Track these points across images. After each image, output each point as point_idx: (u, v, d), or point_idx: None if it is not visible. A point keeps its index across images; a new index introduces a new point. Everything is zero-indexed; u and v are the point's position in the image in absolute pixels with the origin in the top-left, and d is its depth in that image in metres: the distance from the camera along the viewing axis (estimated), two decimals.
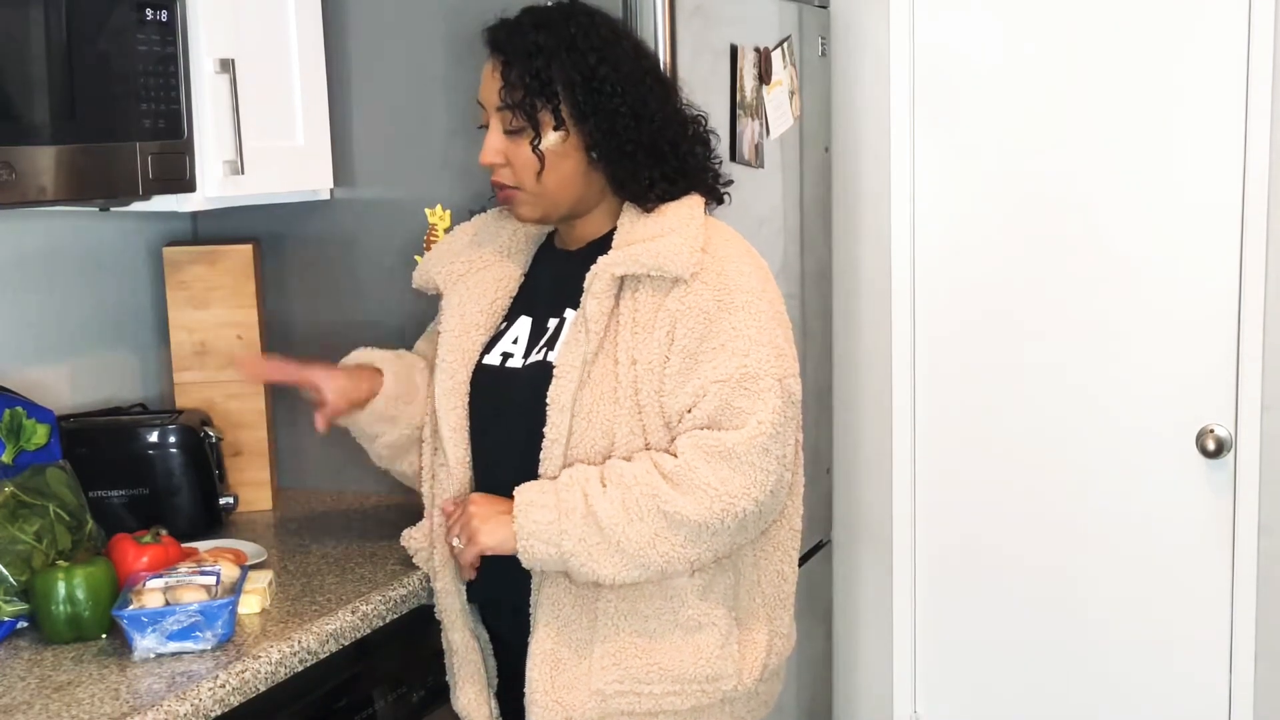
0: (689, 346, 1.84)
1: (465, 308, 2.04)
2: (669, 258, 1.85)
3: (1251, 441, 2.86)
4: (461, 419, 1.99)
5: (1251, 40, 2.76)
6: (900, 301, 3.13)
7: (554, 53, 1.88)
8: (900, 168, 3.09)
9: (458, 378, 2.00)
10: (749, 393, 1.82)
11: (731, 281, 1.87)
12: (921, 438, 3.16)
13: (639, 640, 1.89)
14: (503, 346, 2.01)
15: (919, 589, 3.21)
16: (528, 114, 1.88)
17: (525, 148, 1.90)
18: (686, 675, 1.90)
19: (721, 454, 1.80)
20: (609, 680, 1.88)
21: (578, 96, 1.88)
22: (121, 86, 2.02)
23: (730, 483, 1.80)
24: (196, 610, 1.83)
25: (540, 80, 1.87)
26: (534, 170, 1.90)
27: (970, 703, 3.20)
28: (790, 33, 2.81)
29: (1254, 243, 2.81)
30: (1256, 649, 2.92)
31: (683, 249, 1.86)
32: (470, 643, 2.02)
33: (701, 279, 1.86)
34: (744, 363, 1.83)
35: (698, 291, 1.85)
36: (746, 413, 1.81)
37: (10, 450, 2.10)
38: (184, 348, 2.53)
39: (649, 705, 1.89)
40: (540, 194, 1.93)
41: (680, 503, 1.79)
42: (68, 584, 1.88)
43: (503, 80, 1.89)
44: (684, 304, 1.85)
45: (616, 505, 1.80)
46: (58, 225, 2.46)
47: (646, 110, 1.92)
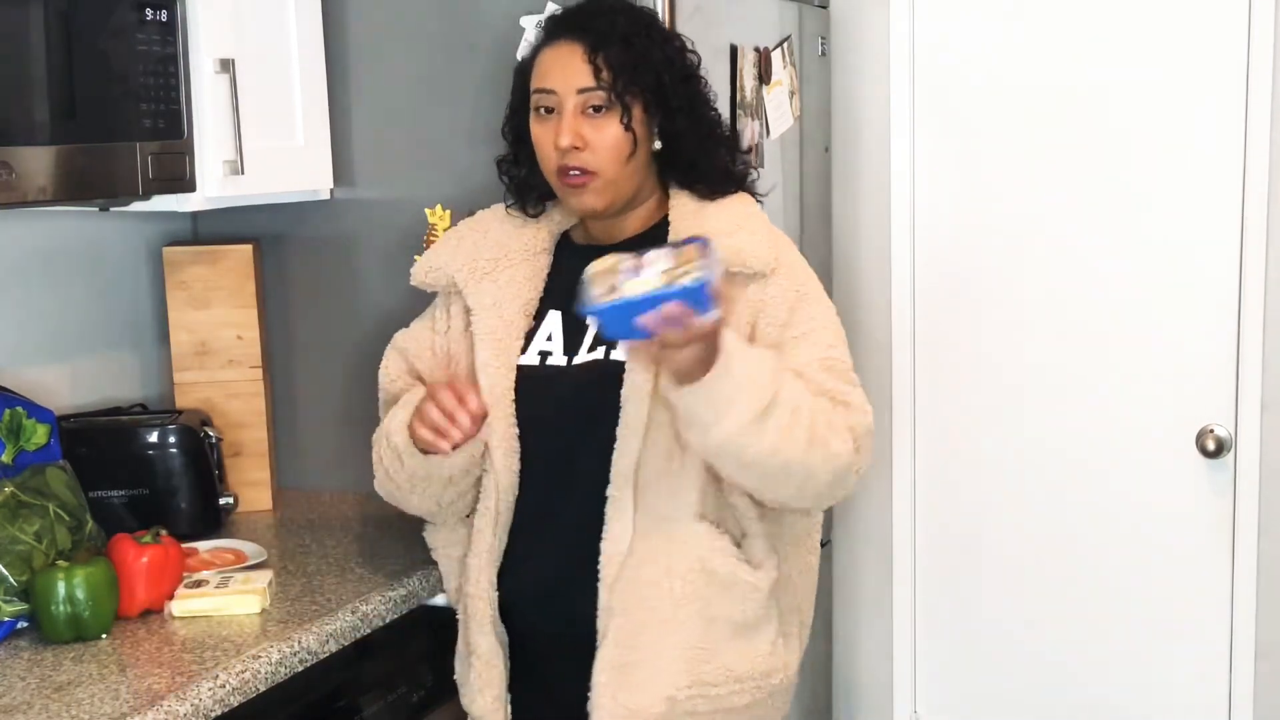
0: (772, 335, 1.89)
1: (502, 308, 1.99)
2: (751, 254, 1.90)
3: (1251, 441, 2.86)
4: (511, 425, 1.96)
5: (1252, 39, 2.76)
6: (900, 300, 3.13)
7: (640, 37, 1.92)
8: (900, 168, 3.09)
9: (505, 383, 1.96)
10: (840, 378, 1.90)
11: (802, 275, 1.96)
12: (921, 438, 3.16)
13: (707, 643, 1.90)
14: (538, 345, 1.98)
15: (919, 589, 3.21)
16: (619, 94, 1.89)
17: (612, 129, 1.89)
18: (746, 673, 1.93)
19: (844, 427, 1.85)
20: (681, 685, 1.89)
21: (664, 80, 1.92)
22: (121, 86, 2.02)
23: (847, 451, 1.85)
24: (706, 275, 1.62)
25: (634, 61, 1.89)
26: (621, 152, 1.90)
27: (970, 703, 3.20)
28: (790, 33, 2.81)
29: (1254, 243, 2.81)
30: (1256, 649, 2.92)
31: (761, 245, 1.92)
32: (495, 648, 1.99)
33: (779, 272, 1.92)
34: (829, 352, 1.91)
35: (778, 284, 1.91)
36: (846, 394, 1.88)
37: (10, 450, 2.10)
38: (184, 348, 2.53)
39: (712, 705, 1.92)
40: (617, 178, 1.92)
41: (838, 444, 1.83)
42: (68, 584, 1.88)
43: (590, 63, 1.89)
44: (765, 296, 1.90)
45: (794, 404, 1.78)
46: (58, 225, 2.46)
47: (702, 106, 1.98)
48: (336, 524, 2.46)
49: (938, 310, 3.11)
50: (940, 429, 3.14)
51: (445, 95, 2.46)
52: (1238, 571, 2.91)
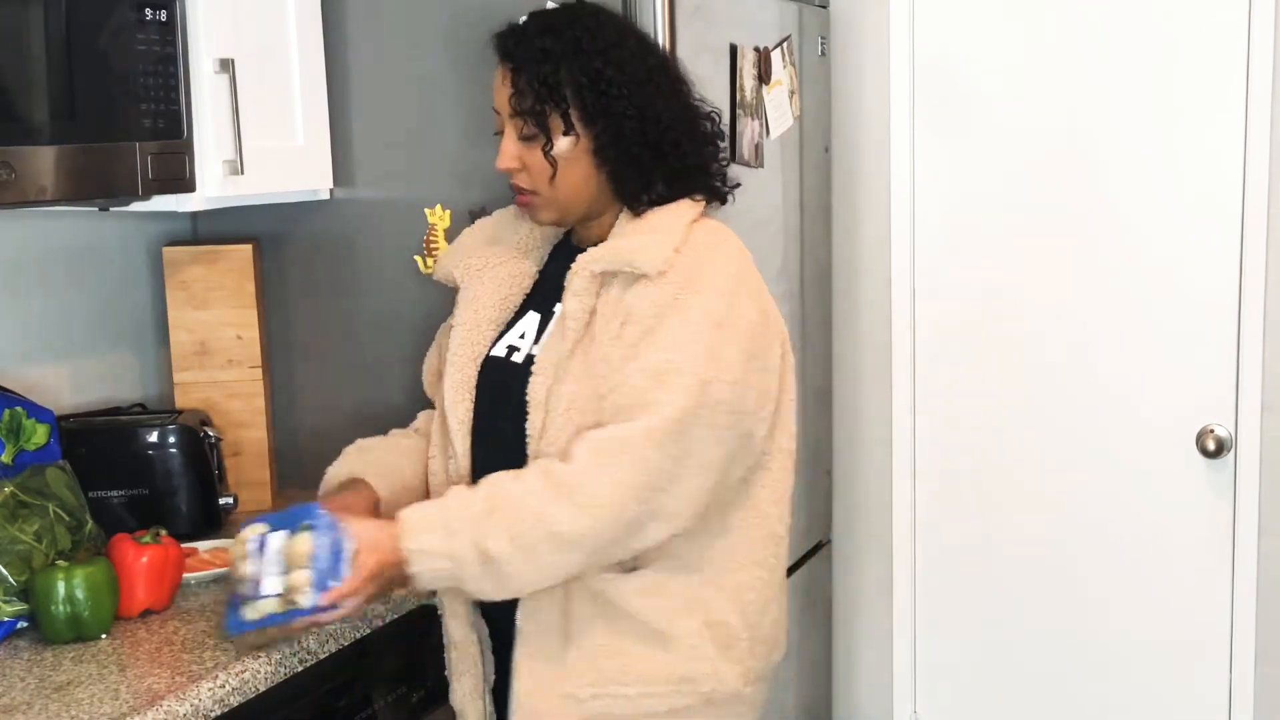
0: (634, 338, 1.82)
1: (479, 302, 2.04)
2: (639, 254, 1.84)
3: (1251, 442, 2.86)
4: (468, 412, 2.00)
5: (1252, 39, 2.76)
6: (900, 301, 3.13)
7: (561, 58, 1.88)
8: (900, 168, 3.09)
9: (466, 371, 2.01)
10: (661, 386, 1.77)
11: (695, 282, 1.84)
12: (921, 438, 3.16)
13: (610, 642, 1.88)
14: (509, 339, 2.01)
15: (919, 589, 3.21)
16: (538, 120, 1.88)
17: (536, 154, 1.90)
18: (659, 676, 1.88)
19: (611, 450, 1.77)
20: (581, 684, 1.88)
21: (585, 101, 1.88)
22: (121, 86, 2.02)
23: (619, 484, 1.76)
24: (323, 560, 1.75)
25: (549, 86, 1.87)
26: (548, 175, 1.91)
27: (970, 703, 3.20)
28: (790, 33, 2.81)
29: (1254, 243, 2.81)
30: (1256, 649, 2.92)
31: (655, 246, 1.85)
32: (469, 636, 2.02)
33: (668, 276, 1.83)
34: (669, 357, 1.79)
35: (659, 288, 1.83)
36: (652, 405, 1.77)
37: (10, 450, 2.10)
38: (184, 348, 2.53)
39: (626, 708, 1.88)
40: (555, 198, 1.93)
41: (569, 520, 1.75)
42: (68, 584, 1.88)
43: (513, 87, 1.89)
44: (640, 298, 1.83)
45: (506, 540, 1.75)
46: (58, 225, 2.46)
47: (653, 111, 1.91)
48: None
49: (937, 310, 3.11)
50: (940, 429, 3.14)
51: (445, 95, 2.46)
52: (1238, 572, 2.91)
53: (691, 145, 1.96)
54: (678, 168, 1.94)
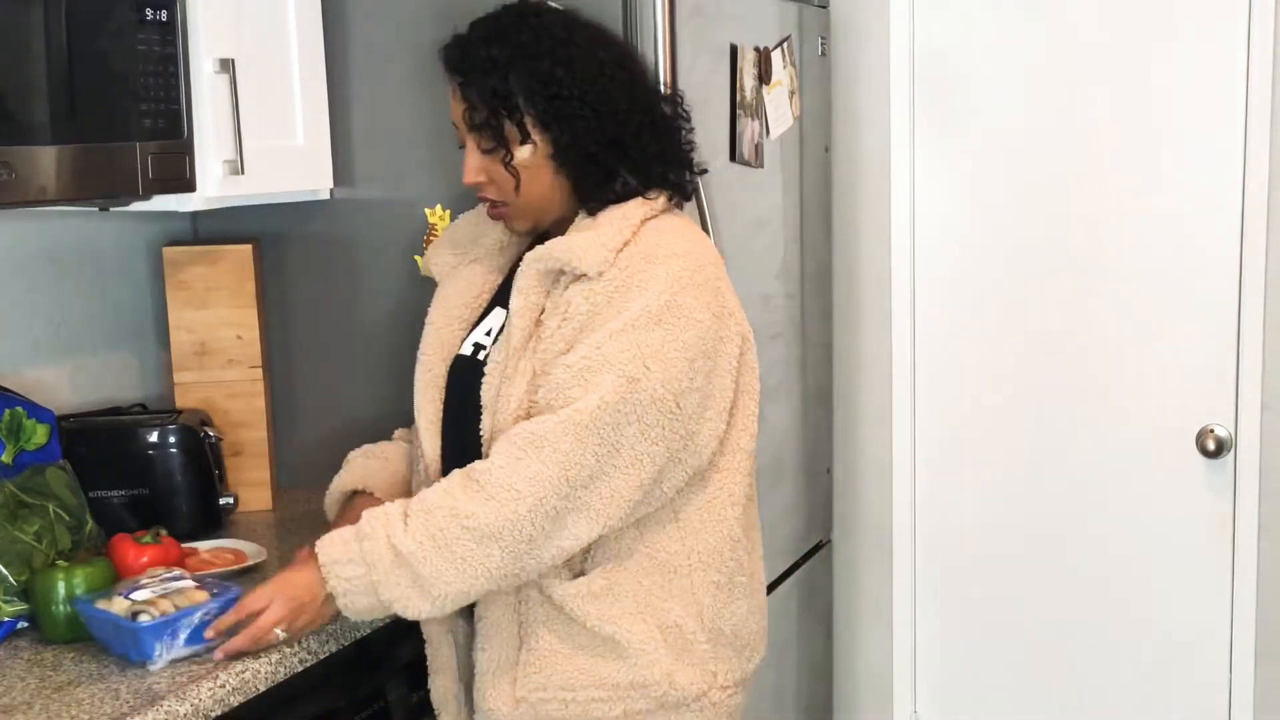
0: (569, 335, 1.81)
1: (449, 301, 2.04)
2: (579, 252, 1.81)
3: (1251, 441, 2.86)
4: (437, 411, 1.99)
5: (1252, 39, 2.76)
6: (900, 302, 3.13)
7: (509, 65, 1.84)
8: (900, 168, 3.09)
9: (435, 371, 2.00)
10: (585, 381, 1.75)
11: (634, 280, 1.80)
12: (921, 438, 3.16)
13: (560, 646, 1.86)
14: (475, 337, 1.99)
15: (919, 589, 3.21)
16: (494, 133, 1.86)
17: (498, 166, 1.88)
18: (609, 681, 1.85)
19: (529, 443, 1.74)
20: (532, 688, 1.86)
21: (538, 107, 1.85)
22: (121, 86, 2.02)
23: (537, 477, 1.73)
24: (214, 607, 1.83)
25: (500, 96, 1.84)
26: (512, 186, 1.89)
27: (970, 703, 3.20)
28: (790, 33, 2.81)
29: (1254, 243, 2.81)
30: (1256, 649, 2.92)
31: (594, 244, 1.81)
32: (444, 636, 2.00)
33: (608, 275, 1.81)
34: (595, 353, 1.76)
35: (596, 286, 1.80)
36: (570, 400, 1.75)
37: (10, 450, 2.10)
38: (184, 348, 2.53)
39: (576, 712, 1.86)
40: (525, 207, 1.92)
41: (484, 512, 1.73)
42: (68, 584, 1.88)
43: (465, 101, 1.87)
44: (579, 296, 1.81)
45: (422, 538, 1.73)
46: (58, 225, 2.46)
47: (608, 105, 1.86)
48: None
49: (937, 310, 3.11)
50: (940, 429, 3.14)
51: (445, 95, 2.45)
52: (1238, 572, 2.91)
53: (652, 134, 1.91)
54: (639, 161, 1.90)
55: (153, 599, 1.81)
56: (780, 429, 2.84)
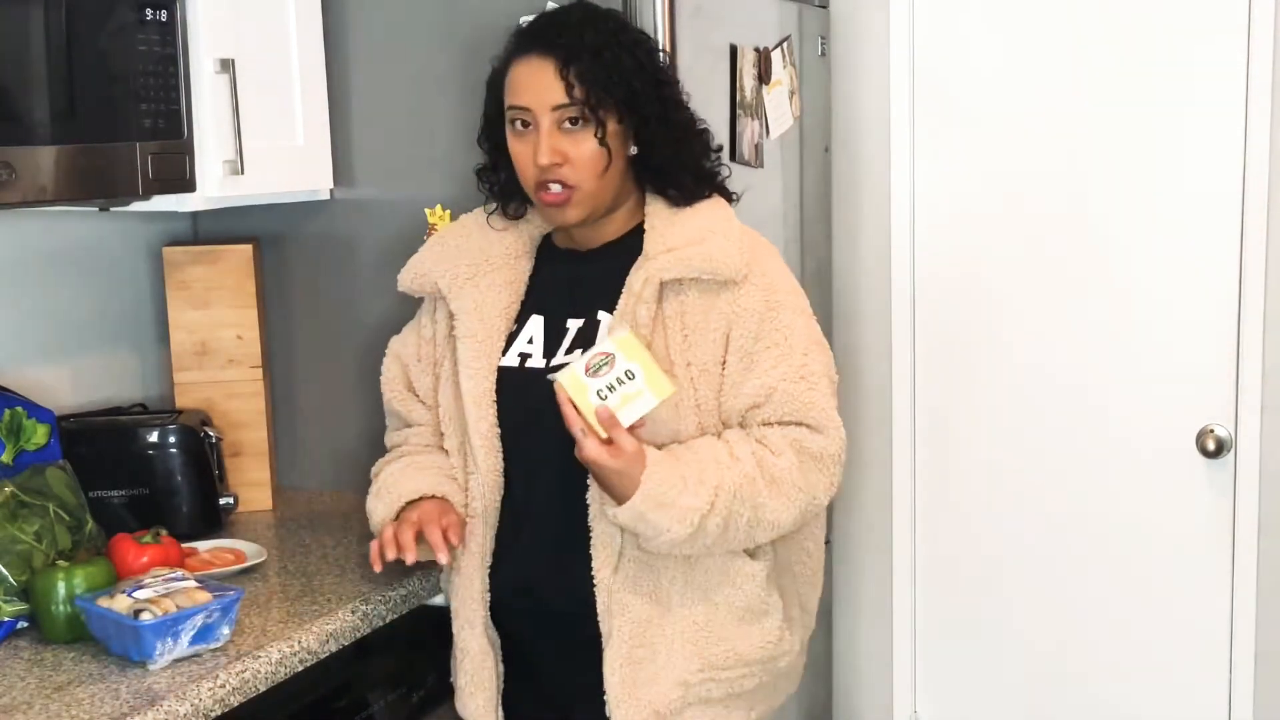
0: (745, 346, 1.90)
1: (484, 311, 2.01)
2: (721, 261, 1.88)
3: (1251, 441, 2.86)
4: (493, 425, 1.98)
5: (1252, 38, 2.76)
6: (900, 301, 3.13)
7: (610, 47, 1.90)
8: (900, 168, 3.09)
9: (485, 384, 1.98)
10: (813, 389, 1.90)
11: (775, 281, 1.94)
12: (921, 438, 3.16)
13: (712, 628, 1.94)
14: (518, 347, 1.99)
15: (919, 589, 3.21)
16: (593, 109, 1.88)
17: (588, 143, 1.89)
18: (755, 657, 1.97)
19: (814, 456, 1.90)
20: (692, 670, 1.92)
21: (635, 88, 1.90)
22: (121, 86, 2.02)
23: (816, 485, 1.91)
24: (216, 607, 1.83)
25: (606, 73, 1.88)
26: (598, 166, 1.90)
27: (970, 703, 3.20)
28: (790, 33, 2.81)
29: (1254, 243, 2.81)
30: (1256, 649, 2.92)
31: (732, 252, 1.90)
32: (487, 649, 2.00)
33: (751, 280, 1.91)
34: (804, 361, 1.91)
35: (749, 293, 1.90)
36: (820, 409, 1.90)
37: (10, 450, 2.10)
38: (184, 348, 2.53)
39: (724, 690, 1.95)
40: (596, 191, 1.92)
41: (777, 510, 1.88)
42: (68, 584, 1.88)
43: (562, 79, 1.87)
44: (737, 306, 1.90)
45: (720, 521, 1.84)
46: (58, 225, 2.46)
47: (683, 107, 1.98)
48: (336, 524, 2.45)
49: (937, 310, 3.11)
50: (940, 429, 3.14)
51: (445, 95, 2.46)
52: (1238, 572, 2.91)
53: (705, 148, 2.02)
54: (706, 166, 1.99)
55: (155, 598, 1.82)
56: None
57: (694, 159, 1.98)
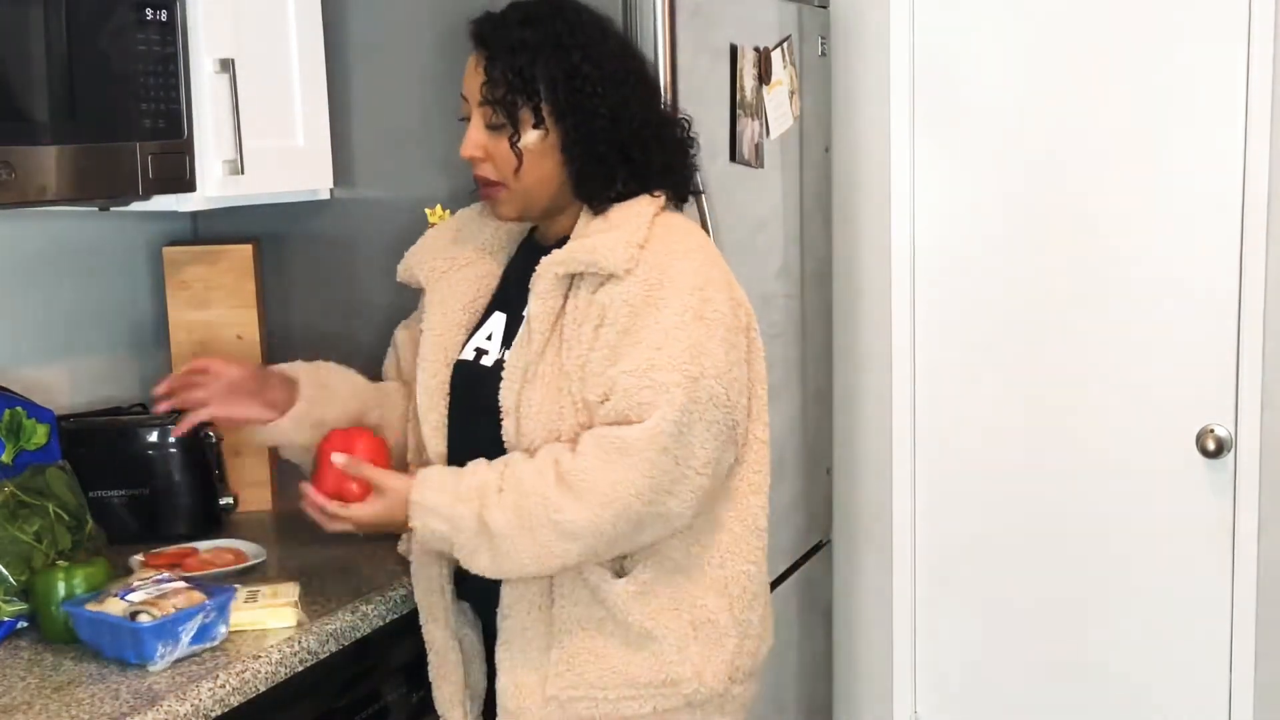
0: (611, 339, 1.81)
1: (447, 305, 2.04)
2: (604, 253, 1.83)
3: (1251, 441, 2.86)
4: (442, 417, 2.00)
5: (1252, 39, 2.76)
6: (900, 301, 3.13)
7: (539, 50, 1.87)
8: (900, 168, 3.09)
9: (439, 376, 2.01)
10: (653, 386, 1.77)
11: (665, 277, 1.82)
12: (921, 438, 3.16)
13: (593, 645, 1.87)
14: (476, 342, 2.00)
15: (919, 589, 3.21)
16: (508, 111, 1.87)
17: (503, 144, 1.89)
18: (641, 680, 1.87)
19: (618, 449, 1.76)
20: (563, 686, 1.87)
21: (559, 96, 1.87)
22: (121, 86, 2.02)
23: (623, 484, 1.76)
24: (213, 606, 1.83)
25: (523, 78, 1.86)
26: (512, 167, 1.90)
27: (970, 703, 3.20)
28: (790, 33, 2.81)
29: (1254, 243, 2.81)
30: (1256, 649, 2.92)
31: (618, 244, 1.83)
32: (450, 642, 2.01)
33: (636, 274, 1.82)
34: (653, 357, 1.78)
35: (629, 286, 1.82)
36: (650, 407, 1.76)
37: (10, 450, 2.10)
38: (184, 348, 2.53)
39: (607, 710, 1.87)
40: (520, 191, 1.92)
41: (572, 511, 1.76)
42: (68, 584, 1.88)
43: (485, 75, 1.88)
44: (612, 297, 1.82)
45: (511, 516, 1.77)
46: (58, 225, 2.46)
47: (626, 112, 1.90)
48: None
49: (937, 310, 3.11)
50: (940, 429, 3.14)
51: (445, 96, 2.46)
52: (1238, 572, 2.91)
53: (659, 149, 1.95)
54: (641, 169, 1.92)
55: (152, 600, 1.81)
56: (780, 429, 2.84)
57: (627, 165, 1.91)
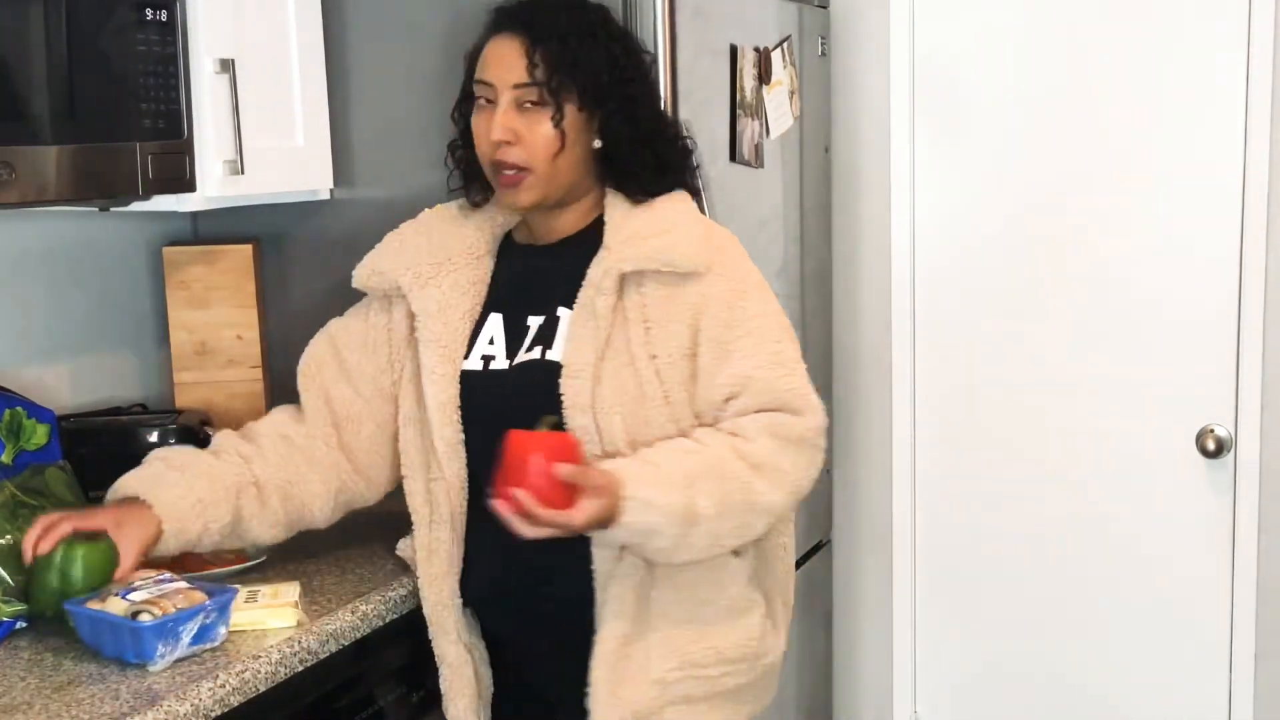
0: (717, 335, 1.88)
1: (447, 314, 1.99)
2: (682, 253, 1.88)
3: (1251, 441, 2.86)
4: (457, 431, 1.97)
5: (1252, 38, 2.77)
6: (900, 301, 3.13)
7: (582, 36, 1.90)
8: (900, 168, 3.09)
9: (450, 390, 1.97)
10: (790, 374, 1.90)
11: (740, 271, 1.93)
12: (921, 438, 3.16)
13: (692, 626, 1.93)
14: (480, 349, 1.98)
15: (919, 589, 3.21)
16: (553, 92, 1.88)
17: (543, 125, 1.89)
18: (737, 655, 1.95)
19: (793, 439, 1.88)
20: (669, 668, 1.91)
21: (602, 80, 1.90)
22: (121, 86, 2.02)
23: (799, 469, 1.90)
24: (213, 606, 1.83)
25: (571, 59, 1.89)
26: (551, 149, 1.90)
27: (970, 703, 3.20)
28: (790, 33, 2.81)
29: (1254, 243, 2.81)
30: (1256, 649, 2.92)
31: (694, 244, 1.89)
32: (463, 655, 2.00)
33: (715, 271, 1.89)
34: (776, 349, 1.90)
35: (714, 283, 1.89)
36: (799, 394, 1.89)
37: (10, 450, 2.10)
38: (184, 348, 2.53)
39: (705, 688, 1.94)
40: (550, 176, 1.92)
41: (769, 493, 1.86)
42: (65, 556, 1.84)
43: (528, 58, 1.88)
44: (703, 296, 1.88)
45: (716, 500, 1.81)
46: (58, 225, 2.46)
47: (648, 105, 1.97)
48: (337, 524, 2.45)
49: (938, 310, 3.11)
50: (940, 429, 3.14)
51: (445, 95, 2.45)
52: (1238, 572, 2.91)
53: (666, 146, 2.00)
54: (664, 159, 1.97)
55: (153, 599, 1.81)
56: None
57: (657, 157, 1.97)
